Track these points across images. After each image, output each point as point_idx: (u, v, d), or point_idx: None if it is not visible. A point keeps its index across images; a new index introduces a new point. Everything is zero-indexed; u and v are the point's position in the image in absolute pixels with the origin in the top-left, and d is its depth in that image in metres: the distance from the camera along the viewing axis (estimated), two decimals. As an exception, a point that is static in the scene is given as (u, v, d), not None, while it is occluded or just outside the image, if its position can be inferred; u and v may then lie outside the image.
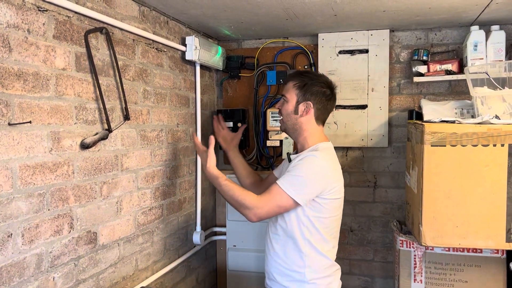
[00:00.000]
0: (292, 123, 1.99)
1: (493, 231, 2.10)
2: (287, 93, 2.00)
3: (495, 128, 2.07)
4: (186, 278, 2.80)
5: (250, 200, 1.83)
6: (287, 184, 1.82)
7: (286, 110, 1.99)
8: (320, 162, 1.86)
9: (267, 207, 1.83)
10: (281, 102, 2.04)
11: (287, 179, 1.83)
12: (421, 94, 2.89)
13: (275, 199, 1.83)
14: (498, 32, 2.56)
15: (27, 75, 1.52)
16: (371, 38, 2.89)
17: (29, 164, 1.53)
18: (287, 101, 1.99)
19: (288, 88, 2.01)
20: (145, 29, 2.24)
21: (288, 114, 1.99)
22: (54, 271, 1.66)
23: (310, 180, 1.84)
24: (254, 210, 1.82)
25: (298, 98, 1.96)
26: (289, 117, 1.99)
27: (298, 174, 1.83)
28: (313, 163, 1.85)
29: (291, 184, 1.82)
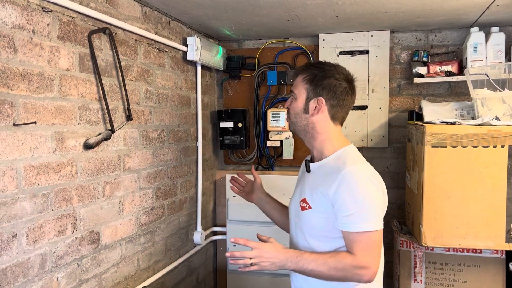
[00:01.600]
0: (302, 124, 1.62)
1: (493, 232, 2.11)
2: (296, 88, 1.64)
3: (495, 130, 2.08)
4: (187, 278, 2.81)
5: (351, 264, 1.46)
6: (367, 223, 1.46)
7: (294, 109, 1.63)
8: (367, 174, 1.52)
9: (374, 259, 1.49)
10: (289, 99, 1.68)
11: (359, 216, 1.46)
12: (421, 95, 2.91)
13: (374, 246, 1.49)
14: (498, 34, 2.58)
15: (31, 75, 1.52)
16: (371, 39, 2.90)
17: (33, 164, 1.53)
18: (296, 98, 1.63)
19: (297, 83, 1.64)
20: (147, 29, 2.25)
21: (297, 114, 1.62)
22: (57, 271, 1.67)
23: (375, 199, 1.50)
24: (361, 273, 1.47)
25: (308, 94, 1.59)
26: (298, 116, 1.62)
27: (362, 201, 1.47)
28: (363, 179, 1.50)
29: (370, 219, 1.47)
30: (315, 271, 1.47)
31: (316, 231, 1.57)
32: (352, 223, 1.46)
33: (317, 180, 1.58)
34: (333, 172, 1.52)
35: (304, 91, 1.60)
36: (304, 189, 1.64)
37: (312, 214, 1.56)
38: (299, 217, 1.63)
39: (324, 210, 1.53)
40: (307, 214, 1.58)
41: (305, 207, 1.59)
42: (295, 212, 1.67)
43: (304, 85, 1.60)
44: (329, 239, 1.54)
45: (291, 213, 1.73)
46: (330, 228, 1.52)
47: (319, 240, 1.57)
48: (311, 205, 1.57)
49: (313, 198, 1.56)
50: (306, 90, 1.60)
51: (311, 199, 1.57)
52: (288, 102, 1.68)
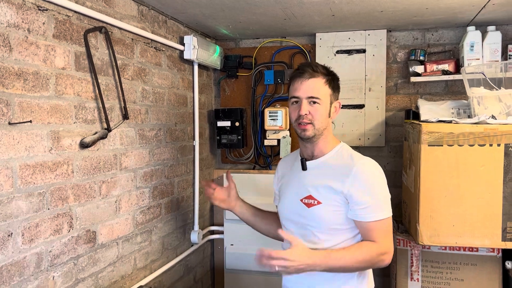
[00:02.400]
0: (323, 128, 1.63)
1: (489, 230, 2.12)
2: (319, 93, 1.60)
3: (492, 128, 2.09)
4: (184, 277, 2.81)
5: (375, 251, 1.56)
6: (383, 211, 1.58)
7: (322, 115, 1.61)
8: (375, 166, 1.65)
9: (391, 243, 1.60)
10: (308, 106, 1.60)
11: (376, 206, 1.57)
12: (418, 94, 2.91)
13: (390, 230, 1.61)
14: (494, 33, 2.59)
15: (27, 74, 1.52)
16: (368, 38, 2.91)
17: (29, 163, 1.53)
18: (321, 104, 1.60)
19: (318, 87, 1.60)
20: (143, 28, 2.25)
21: (324, 119, 1.62)
22: (53, 270, 1.66)
23: (385, 188, 1.64)
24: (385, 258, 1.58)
25: (331, 97, 1.64)
26: (324, 121, 1.62)
27: (377, 192, 1.59)
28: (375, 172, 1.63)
29: (385, 207, 1.59)
30: (344, 267, 1.55)
31: (327, 225, 1.62)
32: (370, 213, 1.56)
33: (322, 176, 1.63)
34: (342, 168, 1.61)
35: (328, 95, 1.62)
36: (304, 187, 1.66)
37: (322, 209, 1.61)
38: (304, 215, 1.65)
39: (334, 204, 1.59)
40: (317, 210, 1.62)
41: (312, 204, 1.62)
42: (297, 212, 1.67)
43: (328, 89, 1.62)
44: (339, 231, 1.62)
45: (289, 214, 1.72)
46: (341, 221, 1.61)
47: (330, 234, 1.62)
48: (320, 200, 1.61)
49: (321, 194, 1.61)
50: (329, 95, 1.63)
51: (319, 194, 1.61)
52: (306, 109, 1.59)
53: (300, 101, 1.61)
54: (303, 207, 1.65)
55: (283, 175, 1.84)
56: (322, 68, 1.64)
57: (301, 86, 1.60)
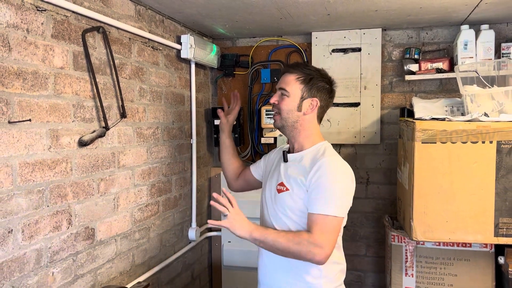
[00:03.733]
0: (292, 121, 1.74)
1: (482, 226, 2.15)
2: (288, 86, 1.73)
3: (484, 126, 2.12)
4: (182, 273, 2.84)
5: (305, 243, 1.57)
6: (331, 208, 1.59)
7: (287, 106, 1.73)
8: (342, 166, 1.70)
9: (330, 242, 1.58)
10: (278, 96, 1.76)
11: (325, 200, 1.60)
12: (413, 92, 2.94)
13: (332, 230, 1.60)
14: (488, 31, 2.62)
15: (26, 74, 1.54)
16: (363, 37, 2.94)
17: (28, 161, 1.56)
18: (289, 96, 1.73)
19: (289, 81, 1.74)
20: (141, 28, 2.27)
21: (290, 111, 1.73)
22: (53, 266, 1.69)
23: (345, 189, 1.67)
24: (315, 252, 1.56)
25: (303, 94, 1.73)
26: (291, 113, 1.73)
27: (332, 188, 1.62)
28: (339, 170, 1.68)
29: (335, 205, 1.60)
30: (276, 242, 1.60)
31: (291, 210, 1.71)
32: (317, 205, 1.61)
33: (296, 169, 1.74)
34: (312, 161, 1.70)
35: (298, 90, 1.73)
36: (280, 175, 1.78)
37: (287, 195, 1.71)
38: (275, 199, 1.77)
39: (299, 193, 1.68)
40: (283, 195, 1.73)
41: (282, 190, 1.74)
42: (271, 197, 1.80)
43: (299, 85, 1.73)
44: (297, 217, 1.70)
45: (266, 200, 1.84)
46: (303, 208, 1.68)
47: (293, 220, 1.71)
48: (288, 187, 1.72)
49: (290, 182, 1.72)
50: (301, 90, 1.73)
51: (288, 183, 1.72)
52: (275, 98, 1.78)
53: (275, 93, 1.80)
54: (275, 193, 1.77)
55: (269, 163, 1.97)
56: (304, 67, 1.77)
57: (280, 80, 1.79)
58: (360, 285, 3.15)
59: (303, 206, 1.68)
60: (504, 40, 2.72)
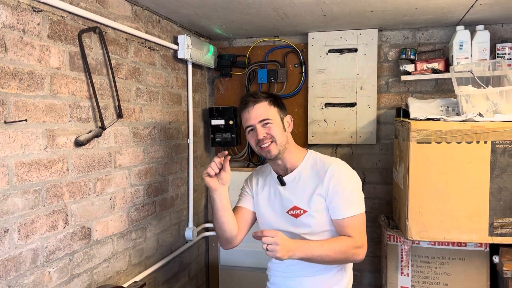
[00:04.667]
0: (284, 143, 1.78)
1: (477, 225, 2.17)
2: (268, 114, 1.76)
3: (479, 126, 2.13)
4: (179, 273, 2.85)
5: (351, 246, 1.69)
6: (356, 207, 1.73)
7: (277, 131, 1.76)
8: (347, 166, 1.82)
9: (365, 238, 1.74)
10: (261, 129, 1.75)
11: (349, 203, 1.72)
12: (409, 92, 2.96)
13: (363, 226, 1.74)
14: (483, 32, 2.63)
15: (22, 74, 1.55)
16: (360, 37, 2.95)
17: (24, 161, 1.57)
18: (272, 122, 1.76)
19: (265, 110, 1.77)
20: (137, 28, 2.28)
21: (281, 134, 1.77)
22: (49, 265, 1.70)
23: (358, 185, 1.80)
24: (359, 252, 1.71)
25: (280, 115, 1.81)
26: (282, 136, 1.77)
27: (350, 189, 1.75)
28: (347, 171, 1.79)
29: (357, 203, 1.74)
30: (322, 256, 1.65)
31: (316, 229, 1.76)
32: (343, 210, 1.71)
33: (302, 186, 1.78)
34: (318, 174, 1.77)
35: (276, 113, 1.80)
36: (287, 199, 1.80)
37: (308, 216, 1.76)
38: (295, 225, 1.78)
39: (319, 209, 1.75)
40: (304, 218, 1.76)
41: (299, 214, 1.77)
42: (287, 224, 1.80)
43: (274, 108, 1.80)
44: (326, 232, 1.77)
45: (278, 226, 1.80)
46: (327, 222, 1.76)
47: (317, 236, 1.76)
48: (306, 209, 1.76)
49: (304, 202, 1.76)
50: (277, 112, 1.80)
51: (304, 203, 1.76)
52: (261, 132, 1.74)
53: (255, 128, 1.76)
54: (291, 218, 1.78)
55: (258, 190, 1.93)
56: (262, 93, 1.83)
57: (250, 115, 1.77)
58: (357, 284, 3.16)
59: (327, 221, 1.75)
60: (499, 41, 2.73)
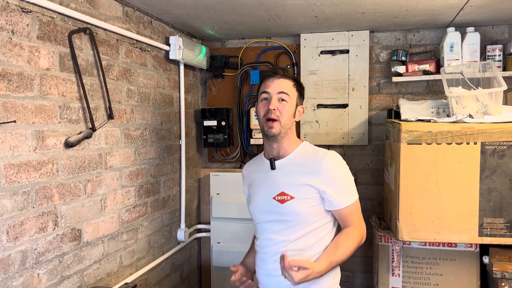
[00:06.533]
0: (287, 128, 1.71)
1: (467, 226, 2.18)
2: (289, 92, 1.70)
3: (469, 127, 2.15)
4: (171, 274, 2.84)
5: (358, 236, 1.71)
6: (353, 194, 1.72)
7: (287, 112, 1.69)
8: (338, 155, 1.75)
9: (363, 221, 1.75)
10: (276, 101, 1.68)
11: (347, 191, 1.71)
12: (400, 94, 2.97)
13: (360, 210, 1.75)
14: (473, 34, 2.65)
15: (11, 75, 1.54)
16: (351, 38, 2.96)
17: (13, 162, 1.56)
18: (288, 102, 1.69)
19: (288, 87, 1.70)
20: (128, 29, 2.27)
21: (289, 117, 1.70)
22: (38, 267, 1.69)
23: (349, 173, 1.76)
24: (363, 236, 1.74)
25: (297, 101, 1.74)
26: (289, 120, 1.70)
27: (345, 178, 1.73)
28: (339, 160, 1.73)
29: (353, 190, 1.73)
30: (339, 261, 1.68)
31: (300, 217, 1.70)
32: (343, 200, 1.69)
33: (292, 173, 1.72)
34: (311, 164, 1.71)
35: (295, 97, 1.73)
36: (275, 185, 1.74)
37: (295, 203, 1.69)
38: (278, 210, 1.72)
39: (307, 197, 1.69)
40: (290, 204, 1.70)
41: (286, 199, 1.70)
42: (271, 209, 1.74)
43: (295, 92, 1.73)
44: (312, 222, 1.71)
45: (262, 213, 1.78)
46: (315, 213, 1.71)
47: (303, 225, 1.70)
48: (293, 195, 1.69)
49: (294, 189, 1.69)
50: (296, 97, 1.74)
51: (292, 190, 1.70)
52: (275, 103, 1.68)
53: (270, 97, 1.69)
54: (276, 204, 1.71)
55: (250, 178, 1.89)
56: (292, 74, 1.77)
57: (272, 83, 1.70)
58: (349, 285, 3.17)
59: (316, 211, 1.70)
60: (489, 43, 2.75)
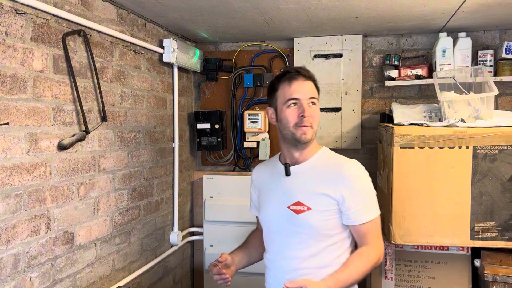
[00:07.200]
0: (316, 130, 1.63)
1: (459, 229, 2.19)
2: (316, 95, 1.62)
3: (461, 131, 2.17)
4: (163, 278, 2.83)
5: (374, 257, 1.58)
6: (374, 210, 1.60)
7: (318, 117, 1.63)
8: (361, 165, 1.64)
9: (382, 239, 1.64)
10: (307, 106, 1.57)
11: (369, 206, 1.59)
12: (393, 98, 2.99)
13: (379, 228, 1.62)
14: (465, 39, 2.68)
15: (4, 77, 1.53)
16: (345, 43, 2.98)
17: (6, 165, 1.55)
18: (317, 106, 1.62)
19: (314, 90, 1.62)
20: (122, 31, 2.27)
21: (318, 121, 1.64)
22: (31, 271, 1.68)
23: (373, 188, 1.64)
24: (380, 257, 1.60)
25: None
26: (318, 124, 1.63)
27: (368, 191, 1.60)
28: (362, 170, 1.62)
29: (375, 206, 1.61)
30: (352, 283, 1.55)
31: (317, 231, 1.57)
32: (363, 215, 1.56)
33: (310, 182, 1.59)
34: (330, 172, 1.59)
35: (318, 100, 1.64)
36: (290, 193, 1.61)
37: (312, 215, 1.56)
38: (293, 221, 1.59)
39: (326, 209, 1.56)
40: (306, 216, 1.56)
41: (302, 210, 1.57)
42: (285, 219, 1.61)
43: (317, 93, 1.64)
44: (329, 237, 1.58)
45: (275, 222, 1.66)
46: (332, 226, 1.58)
47: (320, 240, 1.58)
48: (310, 206, 1.56)
49: (311, 199, 1.57)
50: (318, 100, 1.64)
51: (309, 200, 1.57)
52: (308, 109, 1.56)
53: (301, 103, 1.56)
54: (291, 214, 1.58)
55: (261, 183, 1.78)
56: (312, 74, 1.65)
57: (301, 88, 1.57)
58: (341, 288, 3.17)
59: (332, 224, 1.58)
60: (480, 48, 2.78)
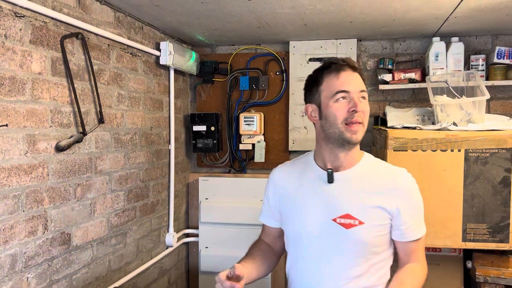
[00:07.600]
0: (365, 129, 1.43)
1: (451, 231, 2.23)
2: (365, 88, 1.40)
3: (453, 135, 2.20)
4: (159, 279, 2.85)
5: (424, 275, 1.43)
6: (423, 226, 1.45)
7: (369, 111, 1.40)
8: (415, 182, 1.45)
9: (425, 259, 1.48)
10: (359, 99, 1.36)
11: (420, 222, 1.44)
12: (386, 101, 3.03)
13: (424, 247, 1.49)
14: (458, 44, 2.72)
15: (3, 79, 1.55)
16: (339, 47, 3.01)
17: (4, 166, 1.56)
18: (367, 100, 1.40)
19: (362, 83, 1.40)
20: (120, 34, 2.29)
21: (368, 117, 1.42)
22: (28, 271, 1.69)
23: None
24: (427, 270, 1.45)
25: None
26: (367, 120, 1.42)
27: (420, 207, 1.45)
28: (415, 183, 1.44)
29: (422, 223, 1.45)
30: None
31: (368, 248, 1.38)
32: (414, 231, 1.41)
33: (359, 191, 1.40)
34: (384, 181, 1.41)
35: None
36: (335, 204, 1.40)
37: (364, 230, 1.36)
38: (340, 237, 1.38)
39: (379, 223, 1.38)
40: (357, 231, 1.36)
41: (353, 224, 1.36)
42: (330, 234, 1.40)
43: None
44: (377, 254, 1.40)
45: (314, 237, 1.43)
46: (382, 242, 1.41)
47: (368, 258, 1.39)
48: (363, 220, 1.36)
49: (363, 212, 1.37)
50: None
51: (360, 213, 1.37)
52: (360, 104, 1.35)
53: (351, 96, 1.35)
54: (338, 229, 1.37)
55: (286, 189, 1.53)
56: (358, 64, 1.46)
57: (350, 80, 1.37)
58: (335, 289, 3.19)
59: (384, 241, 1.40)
60: (473, 52, 2.83)
